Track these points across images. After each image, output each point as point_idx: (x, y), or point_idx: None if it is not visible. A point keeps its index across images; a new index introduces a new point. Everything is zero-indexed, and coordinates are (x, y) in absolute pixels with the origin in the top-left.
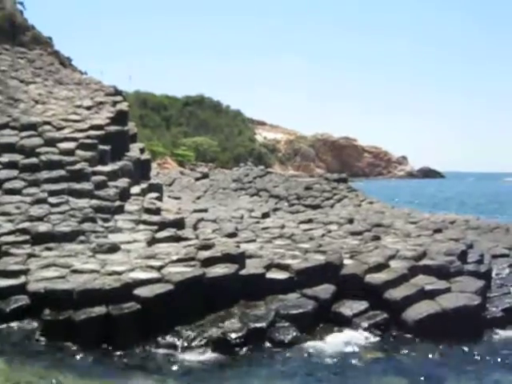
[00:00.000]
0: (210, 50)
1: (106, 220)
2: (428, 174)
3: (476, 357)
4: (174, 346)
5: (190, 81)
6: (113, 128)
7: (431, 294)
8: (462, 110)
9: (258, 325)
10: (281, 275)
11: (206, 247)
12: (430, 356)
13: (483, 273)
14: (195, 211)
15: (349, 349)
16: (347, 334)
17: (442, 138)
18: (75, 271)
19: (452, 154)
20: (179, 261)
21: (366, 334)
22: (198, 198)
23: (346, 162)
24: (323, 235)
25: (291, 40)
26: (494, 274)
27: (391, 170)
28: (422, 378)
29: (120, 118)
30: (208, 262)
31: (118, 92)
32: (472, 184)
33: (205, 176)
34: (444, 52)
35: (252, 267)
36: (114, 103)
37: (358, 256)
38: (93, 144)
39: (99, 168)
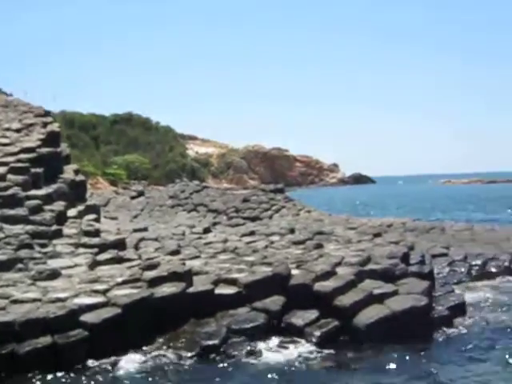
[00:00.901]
0: (136, 65)
1: (43, 245)
2: (359, 179)
3: (427, 356)
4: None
5: (117, 98)
6: (45, 150)
7: (380, 298)
8: (386, 118)
9: (211, 342)
10: (229, 290)
11: (151, 267)
12: (383, 360)
13: (427, 273)
14: (135, 230)
15: (302, 359)
16: (300, 345)
17: (371, 144)
18: (15, 301)
19: (381, 160)
20: (124, 283)
21: (319, 342)
22: (135, 216)
23: (278, 172)
24: (266, 246)
25: (214, 50)
26: (435, 274)
27: (323, 178)
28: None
29: (52, 139)
30: (154, 282)
31: (47, 113)
32: (402, 187)
33: (140, 194)
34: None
35: (200, 284)
36: (45, 124)
37: (304, 265)
38: (24, 167)
39: (33, 192)
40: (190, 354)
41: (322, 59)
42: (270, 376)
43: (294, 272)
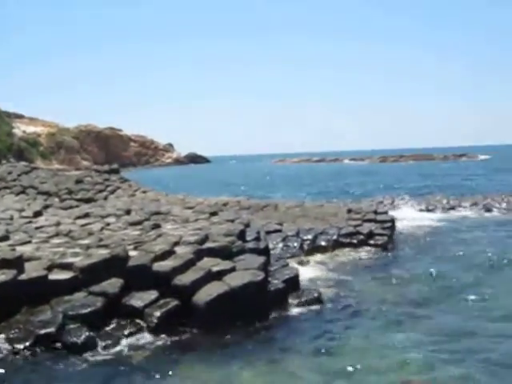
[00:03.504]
0: None
1: None
2: (194, 159)
3: (264, 328)
4: None
5: None
6: None
7: (218, 275)
8: (220, 99)
9: (46, 330)
10: (64, 275)
11: None
12: (224, 336)
13: (262, 249)
14: None
15: (141, 343)
16: (139, 328)
17: (206, 125)
18: None
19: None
20: None
21: (159, 323)
22: None
23: (112, 152)
24: (102, 229)
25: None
26: (270, 249)
27: (159, 158)
28: (217, 359)
29: None
30: None
31: None
32: (235, 166)
33: None
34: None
35: (32, 270)
36: None
37: (142, 246)
38: None
39: None
40: (23, 345)
41: (158, 33)
42: (105, 365)
43: (132, 253)
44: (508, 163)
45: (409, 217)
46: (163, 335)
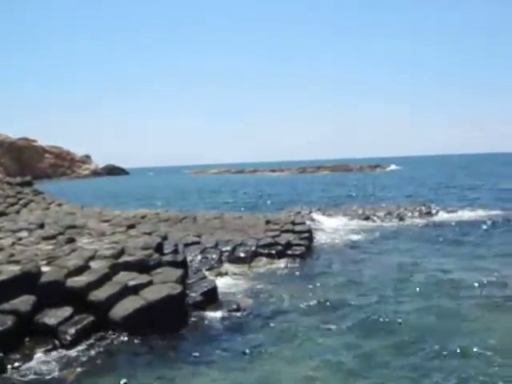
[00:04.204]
0: None
1: None
2: (112, 171)
3: (182, 342)
4: None
5: None
6: None
7: (135, 289)
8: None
9: None
10: None
11: None
12: (143, 350)
13: (180, 262)
14: None
15: (56, 359)
16: (53, 346)
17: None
18: None
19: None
20: None
21: (73, 340)
22: None
23: (26, 163)
24: (13, 244)
25: None
26: (188, 261)
27: (75, 170)
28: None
29: None
30: None
31: None
32: (156, 178)
33: None
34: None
35: None
36: None
37: (55, 261)
38: None
39: None
40: None
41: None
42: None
43: (45, 269)
44: (416, 173)
45: (326, 227)
46: (77, 353)
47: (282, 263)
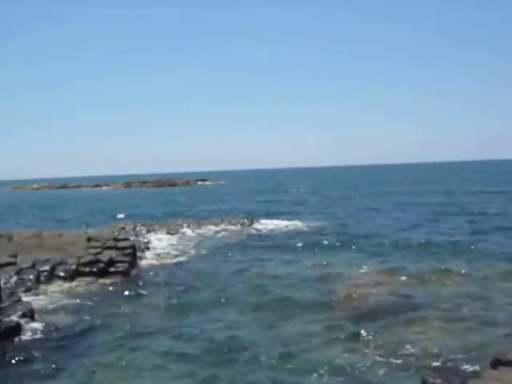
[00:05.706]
0: None
1: None
2: None
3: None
4: None
5: None
6: None
7: None
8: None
9: None
10: None
11: None
12: None
13: None
14: None
15: None
16: None
17: None
18: None
19: None
20: None
21: None
22: None
23: None
24: None
25: None
26: (2, 284)
27: None
28: None
29: None
30: None
31: None
32: None
33: None
34: None
35: None
36: None
37: None
38: None
39: None
40: None
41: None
42: None
43: None
44: (239, 186)
45: (152, 241)
46: None
47: (104, 281)
